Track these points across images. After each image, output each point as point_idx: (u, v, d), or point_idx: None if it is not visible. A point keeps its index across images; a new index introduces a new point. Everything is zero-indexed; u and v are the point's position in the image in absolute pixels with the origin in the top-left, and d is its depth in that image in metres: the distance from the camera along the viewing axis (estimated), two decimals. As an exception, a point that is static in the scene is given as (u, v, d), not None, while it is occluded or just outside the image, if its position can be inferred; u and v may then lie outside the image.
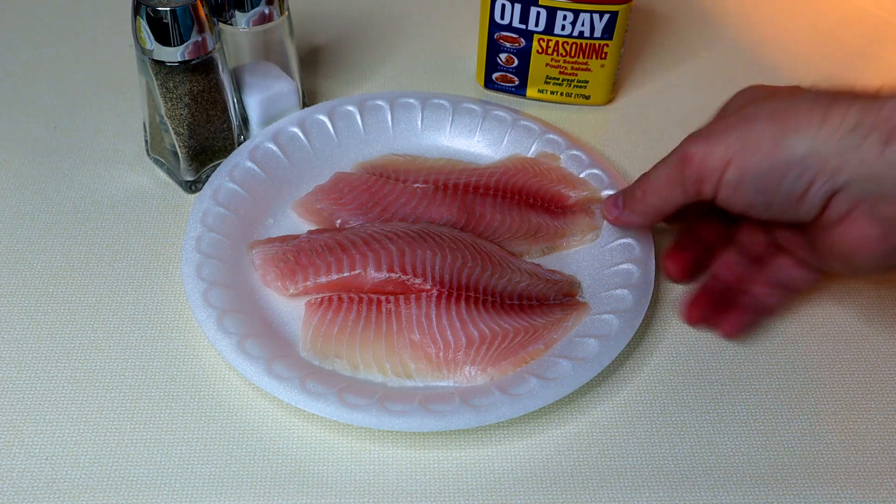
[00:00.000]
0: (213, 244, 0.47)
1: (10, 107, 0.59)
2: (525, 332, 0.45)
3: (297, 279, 0.46)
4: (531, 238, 0.50)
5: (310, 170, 0.54)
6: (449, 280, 0.46)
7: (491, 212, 0.51)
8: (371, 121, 0.56)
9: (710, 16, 0.70)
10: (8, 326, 0.46)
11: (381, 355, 0.44)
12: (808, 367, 0.46)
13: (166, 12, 0.45)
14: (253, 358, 0.42)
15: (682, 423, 0.43)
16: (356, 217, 0.51)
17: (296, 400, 0.41)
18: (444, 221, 0.50)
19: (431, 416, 0.40)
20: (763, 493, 0.41)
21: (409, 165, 0.54)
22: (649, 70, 0.65)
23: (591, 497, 0.40)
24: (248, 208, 0.51)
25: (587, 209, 0.52)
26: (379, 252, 0.46)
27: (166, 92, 0.49)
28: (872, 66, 0.66)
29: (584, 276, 0.49)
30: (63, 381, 0.44)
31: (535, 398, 0.41)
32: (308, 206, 0.52)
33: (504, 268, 0.48)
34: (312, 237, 0.48)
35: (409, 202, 0.51)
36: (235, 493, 0.40)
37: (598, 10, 0.55)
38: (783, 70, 0.65)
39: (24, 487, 0.40)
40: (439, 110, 0.57)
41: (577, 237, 0.51)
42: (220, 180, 0.51)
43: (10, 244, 0.50)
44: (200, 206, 0.49)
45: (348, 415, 0.40)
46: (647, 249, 0.48)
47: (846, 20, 0.70)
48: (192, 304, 0.44)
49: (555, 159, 0.54)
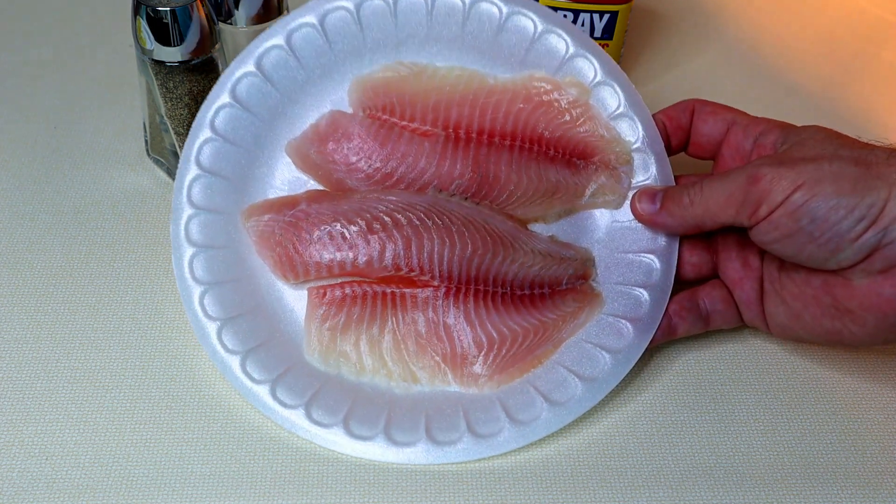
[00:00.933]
0: (204, 226, 0.45)
1: (10, 107, 0.59)
2: (535, 332, 0.44)
3: (297, 272, 0.44)
4: (548, 200, 0.46)
5: (303, 98, 0.47)
6: (458, 274, 0.44)
7: (506, 170, 0.46)
8: (371, 21, 0.47)
9: (710, 16, 0.70)
10: (8, 326, 0.46)
11: (386, 358, 0.43)
12: (808, 367, 0.46)
13: (166, 12, 0.45)
14: (256, 382, 0.42)
15: (682, 423, 0.43)
16: (356, 177, 0.46)
17: (302, 431, 0.41)
18: (455, 187, 0.46)
19: (438, 447, 0.41)
20: (763, 493, 0.41)
21: (415, 84, 0.47)
22: (649, 70, 0.65)
23: (591, 497, 0.40)
24: (237, 164, 0.46)
25: (612, 169, 0.46)
26: (384, 242, 0.44)
27: (166, 92, 0.49)
28: (872, 65, 0.66)
29: (601, 252, 0.46)
30: (63, 381, 0.44)
31: (544, 425, 0.41)
32: (303, 155, 0.47)
33: (517, 249, 0.45)
34: (310, 209, 0.45)
35: (417, 161, 0.46)
36: (235, 493, 0.40)
37: (598, 10, 0.55)
38: (783, 70, 0.65)
39: (24, 487, 0.40)
40: (452, 10, 0.48)
41: (598, 198, 0.47)
42: (201, 132, 0.46)
43: (10, 244, 0.50)
44: (185, 174, 0.45)
45: (354, 446, 0.41)
46: (672, 239, 0.45)
47: (846, 20, 0.70)
48: (190, 316, 0.43)
49: (584, 93, 0.47)
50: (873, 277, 0.38)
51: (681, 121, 0.47)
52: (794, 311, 0.42)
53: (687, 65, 0.66)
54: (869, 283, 0.38)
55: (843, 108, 0.62)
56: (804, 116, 0.61)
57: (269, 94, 0.47)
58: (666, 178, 0.46)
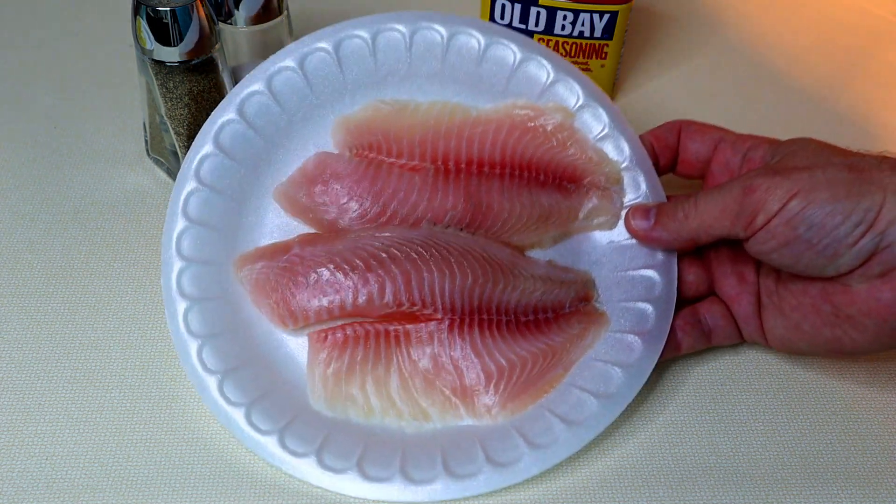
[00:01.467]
0: (195, 278, 0.44)
1: (10, 107, 0.59)
2: (544, 356, 0.43)
3: (296, 318, 0.43)
4: (542, 225, 0.46)
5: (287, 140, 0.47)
6: (460, 305, 0.43)
7: (498, 199, 0.46)
8: (350, 62, 0.48)
9: (710, 16, 0.70)
10: (8, 326, 0.46)
11: (395, 397, 0.42)
12: (808, 368, 0.46)
13: (166, 12, 0.45)
14: (263, 433, 0.40)
15: (682, 423, 0.43)
16: (348, 216, 0.46)
17: (317, 479, 0.39)
18: (448, 219, 0.46)
19: (458, 481, 0.39)
20: (763, 493, 0.41)
21: (399, 120, 0.47)
22: (649, 70, 0.65)
23: (591, 497, 0.40)
24: (223, 216, 0.45)
25: (604, 189, 0.47)
26: (383, 279, 0.43)
27: (166, 92, 0.49)
28: (872, 66, 0.66)
29: (600, 273, 0.46)
30: (63, 381, 0.44)
31: (564, 447, 0.40)
32: (291, 199, 0.46)
33: (517, 277, 0.44)
34: (304, 253, 0.44)
35: (409, 196, 0.46)
36: (236, 493, 0.40)
37: (598, 10, 0.55)
38: (783, 70, 0.65)
39: (24, 487, 0.40)
40: (431, 45, 0.48)
41: (591, 220, 0.47)
42: (187, 184, 0.45)
43: (10, 244, 0.50)
44: (172, 226, 0.44)
45: (372, 491, 0.39)
46: (670, 254, 0.46)
47: (846, 20, 0.70)
48: (187, 368, 0.42)
49: (568, 116, 0.47)
50: (872, 282, 0.38)
51: (668, 140, 0.47)
52: (793, 322, 0.42)
53: (687, 65, 0.66)
54: (868, 288, 0.38)
55: (843, 108, 0.62)
56: (804, 116, 0.62)
57: (252, 140, 0.46)
58: (657, 195, 0.46)
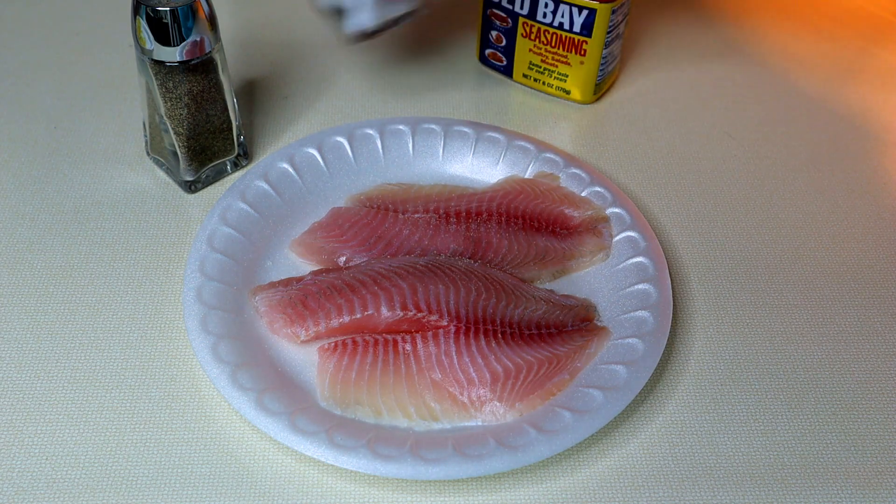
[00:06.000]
0: (215, 294, 0.45)
1: (10, 107, 0.59)
2: (549, 362, 0.44)
3: (307, 325, 0.44)
4: (540, 262, 0.49)
5: (303, 206, 0.52)
6: (465, 314, 0.44)
7: (497, 238, 0.50)
8: (361, 150, 0.55)
9: (710, 15, 0.70)
10: (8, 326, 0.46)
11: (403, 399, 0.42)
12: (808, 367, 0.46)
13: (166, 12, 0.45)
14: (274, 414, 0.40)
15: (682, 423, 0.43)
16: (360, 254, 0.49)
17: (326, 456, 0.39)
18: (451, 252, 0.49)
19: (469, 461, 0.39)
20: (763, 493, 0.41)
21: (405, 195, 0.53)
22: (649, 67, 0.65)
23: (591, 497, 0.40)
24: (245, 252, 0.49)
25: (594, 229, 0.51)
26: (390, 290, 0.45)
27: (166, 92, 0.49)
28: (872, 65, 0.66)
29: (599, 298, 0.48)
30: (63, 381, 0.44)
31: (571, 433, 0.40)
32: (307, 245, 0.50)
33: (518, 297, 0.46)
34: (317, 278, 0.46)
35: (413, 234, 0.50)
36: (236, 493, 0.40)
37: (577, 5, 0.56)
38: (783, 70, 0.65)
39: (24, 487, 0.40)
40: (430, 135, 0.56)
41: (587, 258, 0.50)
42: (214, 224, 0.48)
43: (10, 244, 0.50)
44: (197, 252, 0.47)
45: (382, 467, 0.39)
46: (661, 267, 0.47)
47: (846, 20, 0.70)
48: (202, 361, 0.42)
49: (554, 179, 0.53)
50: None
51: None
52: None
53: (687, 64, 0.66)
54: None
55: (843, 108, 0.62)
56: (804, 116, 0.62)
57: (272, 199, 0.52)
58: (642, 226, 0.50)
